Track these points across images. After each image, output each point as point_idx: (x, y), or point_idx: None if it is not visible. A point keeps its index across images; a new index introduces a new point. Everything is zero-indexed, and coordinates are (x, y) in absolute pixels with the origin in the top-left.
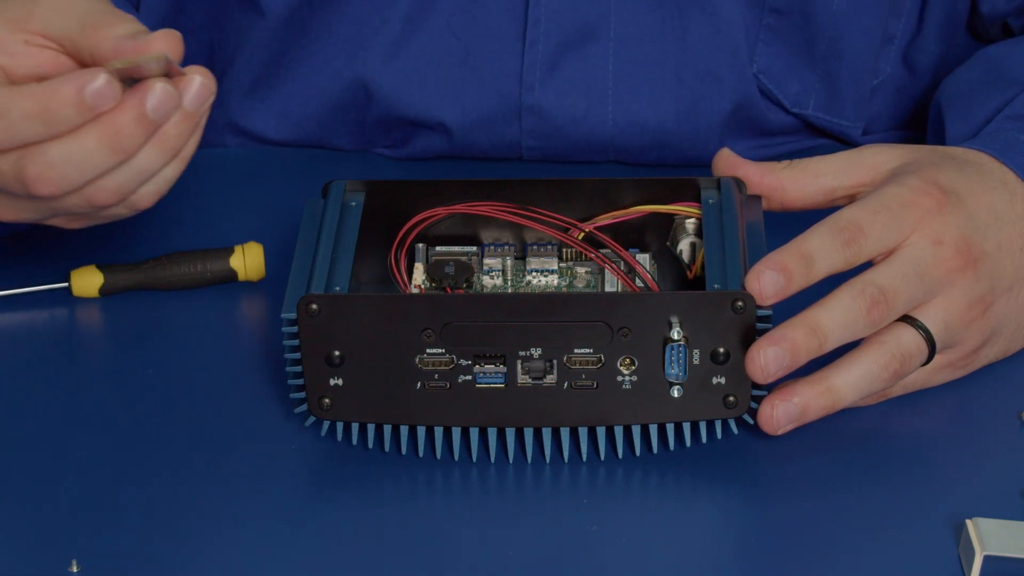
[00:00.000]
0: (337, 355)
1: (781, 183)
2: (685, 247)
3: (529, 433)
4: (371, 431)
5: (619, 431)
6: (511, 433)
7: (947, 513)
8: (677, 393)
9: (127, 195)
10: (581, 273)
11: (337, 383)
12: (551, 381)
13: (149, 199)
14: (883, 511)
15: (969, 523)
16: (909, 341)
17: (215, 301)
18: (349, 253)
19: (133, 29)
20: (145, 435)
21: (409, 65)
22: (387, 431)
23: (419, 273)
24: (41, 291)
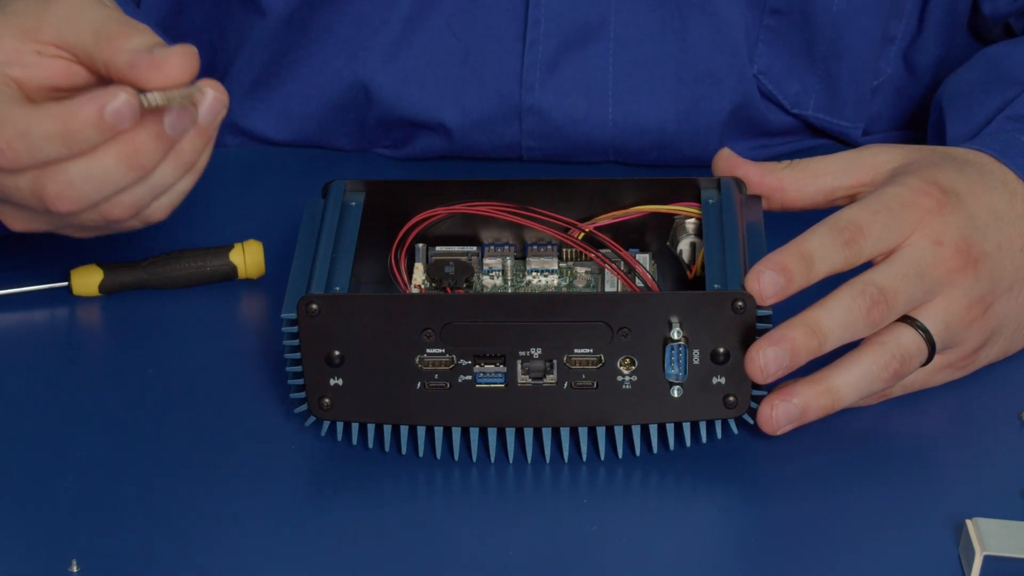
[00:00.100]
0: (337, 355)
1: (781, 183)
2: (685, 247)
3: (529, 433)
4: (371, 431)
5: (619, 431)
6: (511, 433)
7: (947, 513)
8: (677, 393)
9: (142, 209)
10: (581, 273)
11: (337, 383)
12: (551, 381)
13: (162, 212)
14: (883, 511)
15: (969, 523)
16: (909, 341)
17: (215, 300)
18: (349, 253)
19: (148, 41)
20: (145, 435)
21: (409, 65)
22: (387, 431)
23: (419, 273)
24: (41, 290)
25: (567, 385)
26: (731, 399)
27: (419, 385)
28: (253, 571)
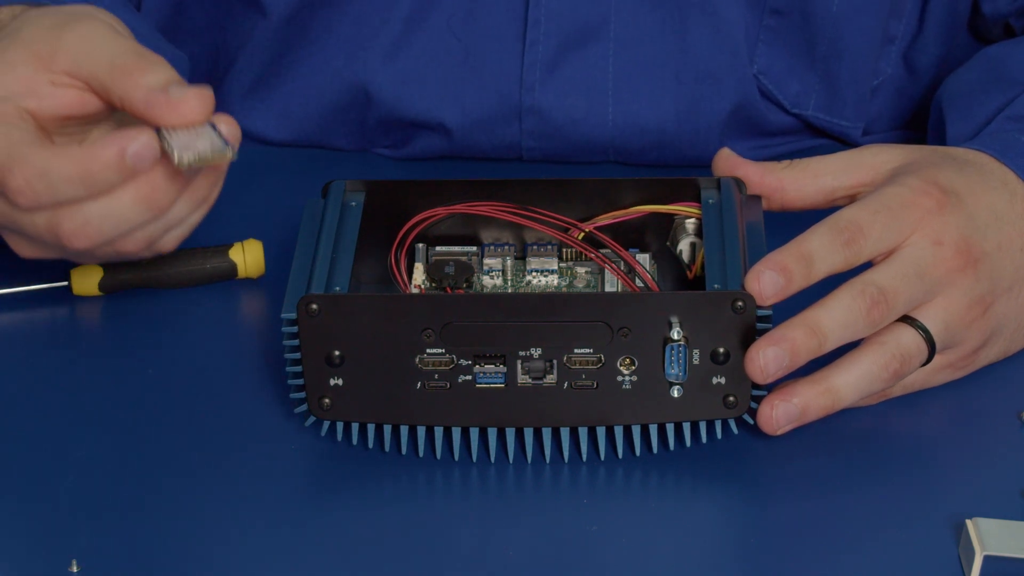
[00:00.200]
0: (337, 355)
1: (781, 183)
2: (685, 247)
3: (529, 433)
4: (371, 431)
5: (619, 431)
6: (511, 433)
7: (947, 513)
8: (677, 393)
9: (154, 243)
10: (581, 273)
11: (337, 383)
12: (551, 381)
13: (172, 243)
14: (883, 511)
15: (969, 523)
16: (909, 341)
17: (215, 299)
18: (349, 253)
19: (164, 78)
20: (145, 435)
21: (409, 65)
22: (387, 431)
23: (419, 273)
24: (41, 289)
25: (567, 385)
26: (731, 399)
27: (419, 385)
28: (253, 571)
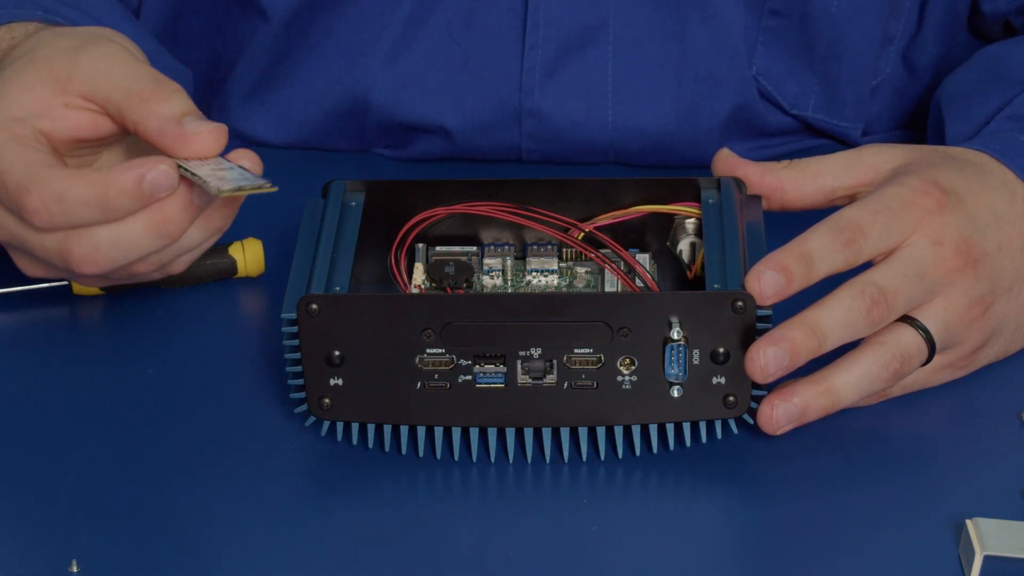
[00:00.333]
0: (337, 355)
1: (781, 183)
2: (685, 247)
3: (529, 433)
4: (371, 431)
5: (619, 431)
6: (511, 433)
7: (947, 513)
8: (677, 393)
9: (165, 266)
10: (581, 273)
11: (337, 383)
12: (551, 381)
13: (182, 266)
14: (883, 511)
15: (969, 523)
16: (909, 341)
17: (215, 299)
18: (349, 253)
19: (180, 108)
20: (145, 435)
21: (409, 70)
22: (387, 431)
23: (419, 273)
24: (42, 288)
25: (567, 385)
26: (731, 399)
27: (419, 385)
28: (253, 571)
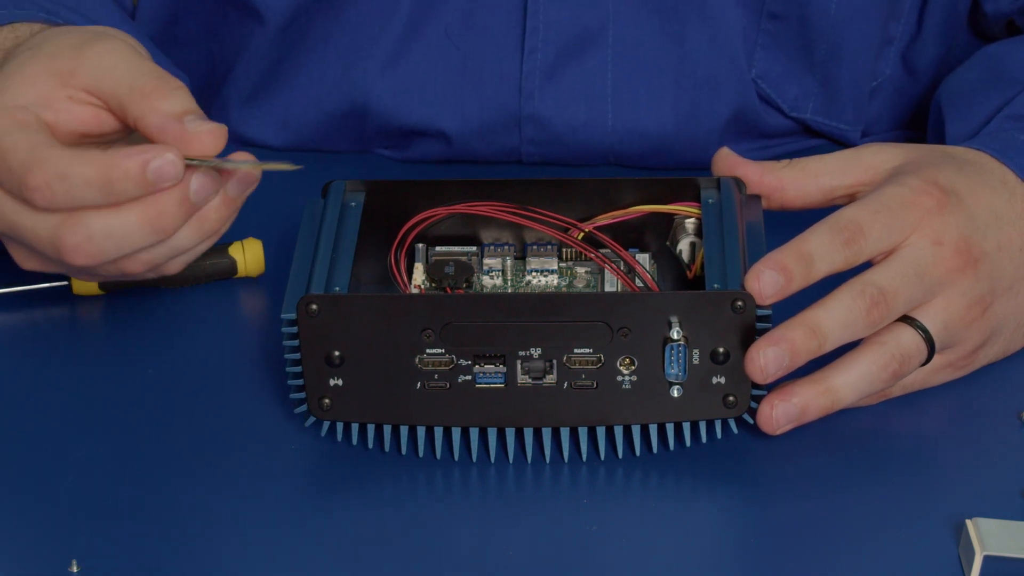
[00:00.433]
0: (337, 355)
1: (780, 183)
2: (685, 247)
3: (529, 433)
4: (371, 431)
5: (619, 431)
6: (511, 433)
7: (947, 513)
8: (677, 393)
9: (157, 267)
10: (581, 273)
11: (337, 383)
12: (551, 381)
13: (176, 268)
14: (883, 511)
15: (969, 523)
16: (909, 342)
17: (215, 298)
18: (349, 253)
19: (182, 106)
20: (145, 435)
21: (408, 74)
22: (387, 431)
23: (419, 273)
24: (42, 289)
25: (567, 385)
26: (731, 399)
27: (419, 385)
28: (253, 571)
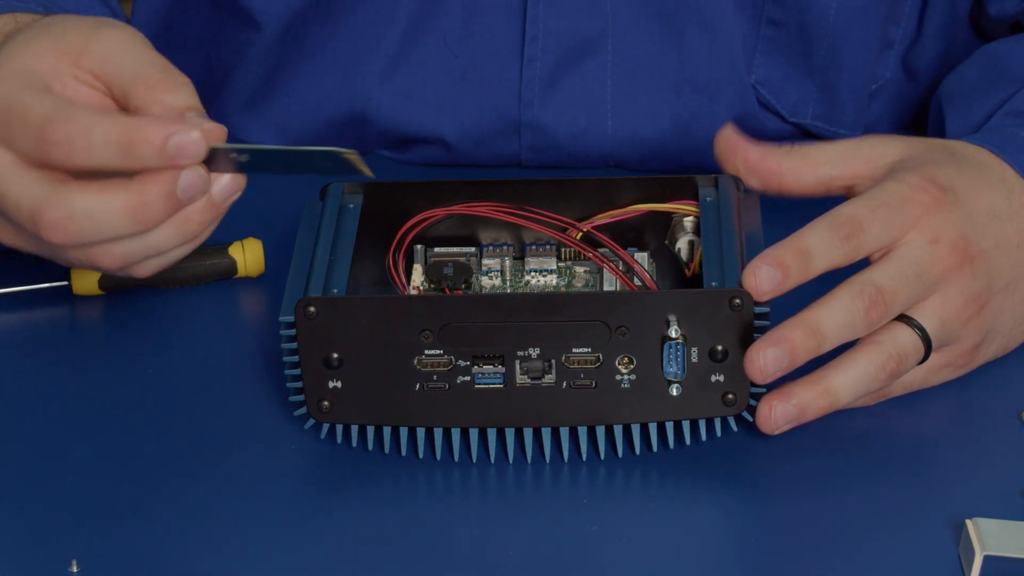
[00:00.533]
0: (335, 357)
1: (780, 168)
2: (683, 245)
3: (529, 433)
4: (370, 433)
5: (618, 430)
6: (511, 433)
7: (947, 513)
8: (676, 391)
9: (129, 265)
10: (580, 272)
11: (336, 385)
12: (550, 381)
13: (148, 271)
14: (883, 511)
15: (969, 523)
16: (906, 341)
17: (215, 299)
18: (347, 255)
19: (185, 101)
20: (145, 435)
21: (407, 83)
22: (386, 432)
23: (417, 274)
24: (42, 289)
25: (566, 385)
26: (730, 397)
27: (418, 386)
28: (253, 572)
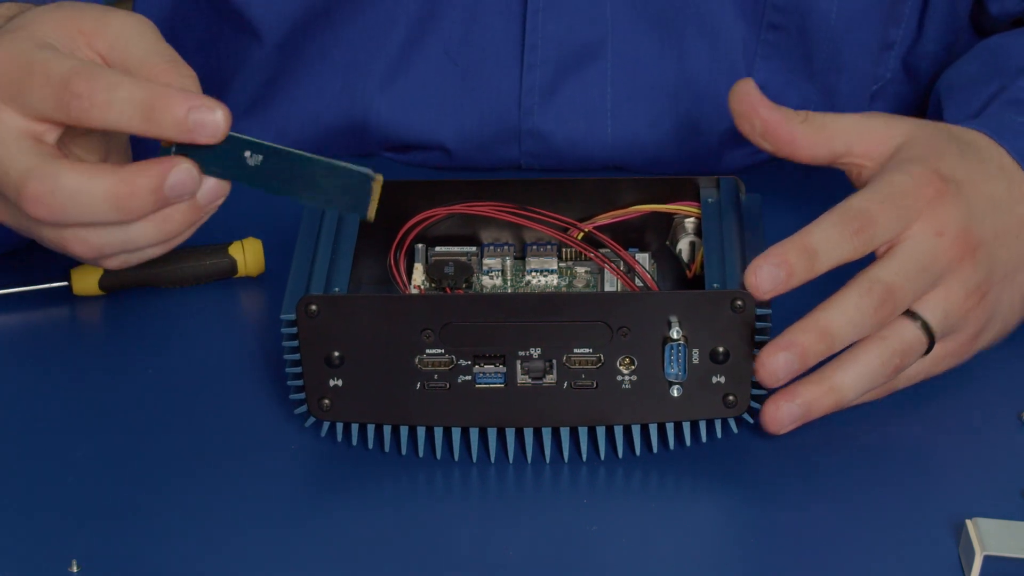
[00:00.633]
0: (336, 356)
1: (794, 137)
2: (684, 246)
3: (529, 433)
4: (371, 431)
5: (619, 431)
6: (511, 433)
7: (947, 513)
8: (677, 392)
9: (101, 257)
10: (581, 273)
11: (337, 384)
12: (551, 381)
13: (117, 264)
14: (883, 511)
15: (969, 523)
16: (910, 335)
17: (215, 298)
18: (348, 254)
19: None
20: (145, 435)
21: (407, 91)
22: (387, 431)
23: (418, 273)
24: (42, 290)
25: (567, 385)
26: (731, 398)
27: (419, 385)
28: (253, 571)
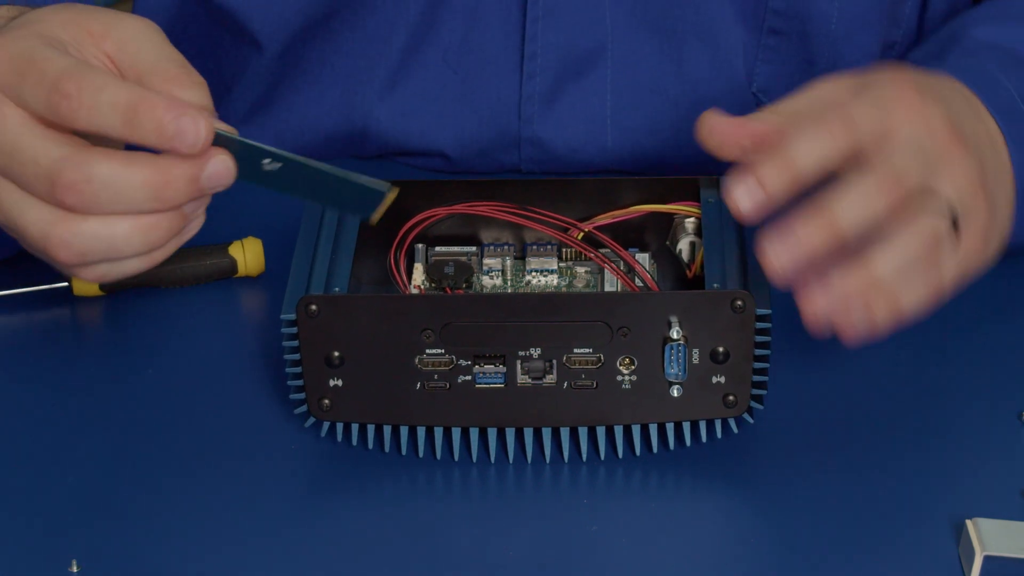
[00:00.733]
0: (336, 356)
1: (777, 131)
2: (684, 246)
3: (529, 433)
4: (371, 431)
5: (619, 431)
6: (511, 433)
7: (947, 513)
8: (677, 392)
9: (83, 262)
10: (581, 273)
11: (337, 384)
12: (551, 381)
13: (96, 275)
14: (883, 511)
15: (969, 523)
16: (932, 207)
17: (215, 298)
18: (348, 254)
19: (199, 99)
20: (145, 435)
21: (406, 99)
22: (387, 431)
23: (419, 273)
24: (42, 290)
25: (567, 385)
26: (731, 398)
27: (419, 385)
28: (253, 571)
